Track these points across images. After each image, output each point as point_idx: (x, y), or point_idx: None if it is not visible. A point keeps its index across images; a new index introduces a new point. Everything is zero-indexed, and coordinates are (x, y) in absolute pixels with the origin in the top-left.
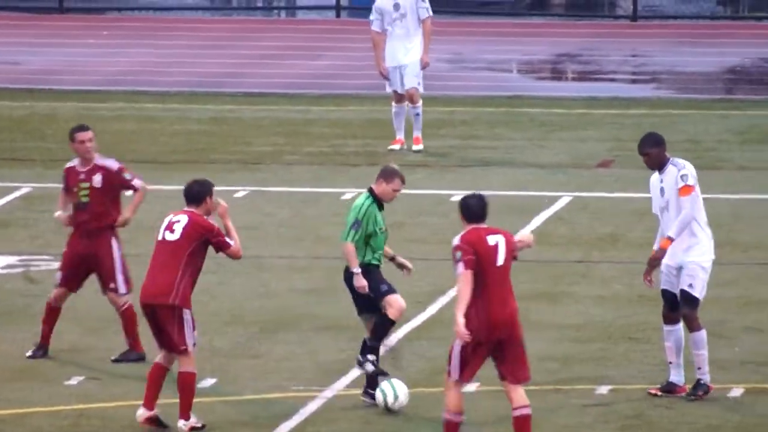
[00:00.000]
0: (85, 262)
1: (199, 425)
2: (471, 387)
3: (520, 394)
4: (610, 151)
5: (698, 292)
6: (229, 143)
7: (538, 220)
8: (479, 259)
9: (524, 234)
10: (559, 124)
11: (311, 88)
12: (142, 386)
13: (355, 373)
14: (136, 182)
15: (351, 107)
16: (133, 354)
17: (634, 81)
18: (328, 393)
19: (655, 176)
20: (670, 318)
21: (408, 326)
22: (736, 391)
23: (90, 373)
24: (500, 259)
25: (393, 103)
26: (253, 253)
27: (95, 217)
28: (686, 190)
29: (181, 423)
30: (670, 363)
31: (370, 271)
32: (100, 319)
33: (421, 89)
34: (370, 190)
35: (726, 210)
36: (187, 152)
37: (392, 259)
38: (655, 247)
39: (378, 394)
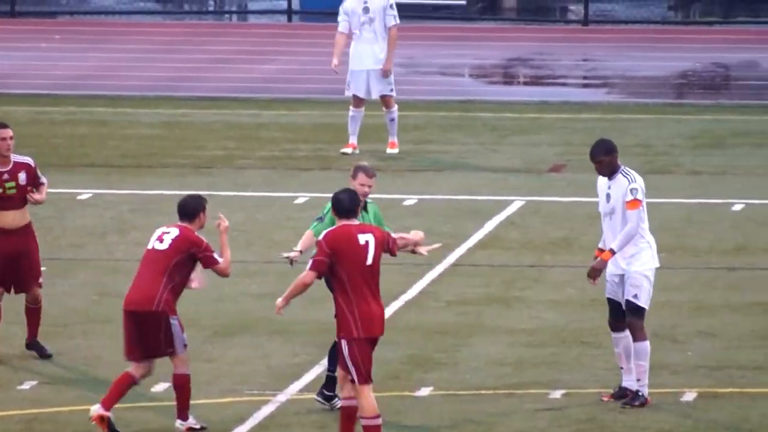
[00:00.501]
0: (15, 260)
1: (198, 426)
2: (425, 391)
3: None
4: (561, 156)
5: (643, 302)
6: (181, 147)
7: (490, 225)
8: (346, 258)
9: (414, 233)
10: (511, 129)
11: (262, 92)
12: (95, 390)
13: (309, 377)
14: (43, 178)
15: (302, 111)
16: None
17: (585, 85)
18: (282, 397)
19: (603, 180)
20: (616, 326)
21: None
22: (689, 396)
23: (42, 378)
24: (369, 258)
25: (351, 107)
26: None
27: (21, 214)
28: (634, 204)
29: (178, 423)
30: (622, 368)
31: None
32: (52, 324)
33: (393, 94)
34: None
35: (678, 214)
36: (139, 156)
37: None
38: (600, 247)
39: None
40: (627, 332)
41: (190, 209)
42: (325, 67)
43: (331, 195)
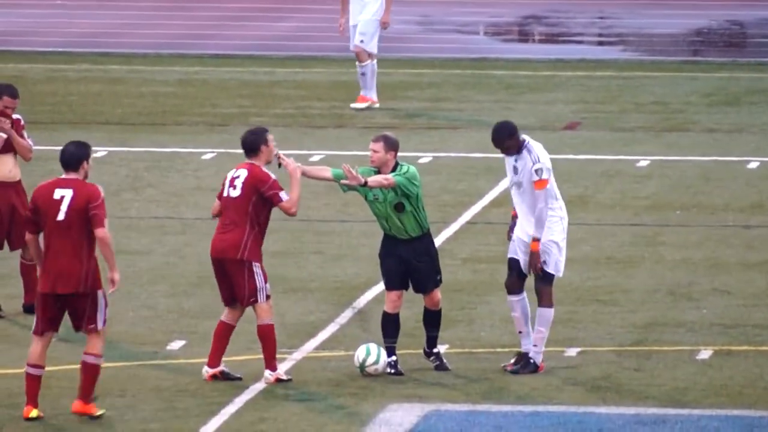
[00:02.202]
0: (9, 215)
1: (285, 378)
2: (440, 349)
3: (92, 343)
4: (576, 114)
5: (552, 268)
6: (196, 105)
7: (505, 183)
8: (40, 212)
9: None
10: (526, 86)
11: (277, 49)
12: (111, 348)
13: (324, 335)
14: (30, 141)
15: (317, 69)
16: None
17: (601, 43)
18: (297, 355)
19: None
20: (512, 288)
21: (377, 288)
22: (704, 353)
23: (58, 336)
24: (61, 214)
25: (357, 63)
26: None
27: (13, 167)
28: (541, 184)
29: (267, 373)
30: (520, 332)
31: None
32: None
33: (369, 48)
34: None
35: (694, 172)
36: (154, 114)
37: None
38: (519, 236)
39: (361, 351)
40: (523, 295)
41: (249, 144)
42: (335, 25)
43: (345, 153)
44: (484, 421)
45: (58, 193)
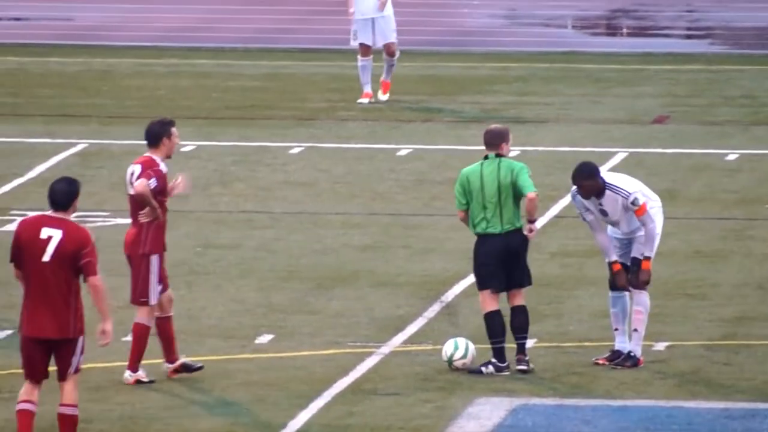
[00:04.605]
0: None
1: (146, 380)
2: (529, 343)
3: (67, 391)
4: (665, 107)
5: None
6: (284, 99)
7: None
8: (23, 249)
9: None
10: (614, 80)
11: (376, 46)
12: (199, 343)
13: (412, 329)
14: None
15: (405, 63)
16: None
17: (689, 36)
18: (385, 349)
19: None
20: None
21: (465, 282)
22: None
23: None
24: (46, 255)
25: (359, 57)
26: (309, 209)
27: None
28: (642, 209)
29: (127, 374)
30: (616, 330)
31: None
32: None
33: (396, 41)
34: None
35: None
36: (242, 108)
37: None
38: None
39: (449, 345)
40: (626, 292)
41: (153, 135)
42: (427, 18)
43: (433, 147)
44: (573, 416)
45: (45, 232)
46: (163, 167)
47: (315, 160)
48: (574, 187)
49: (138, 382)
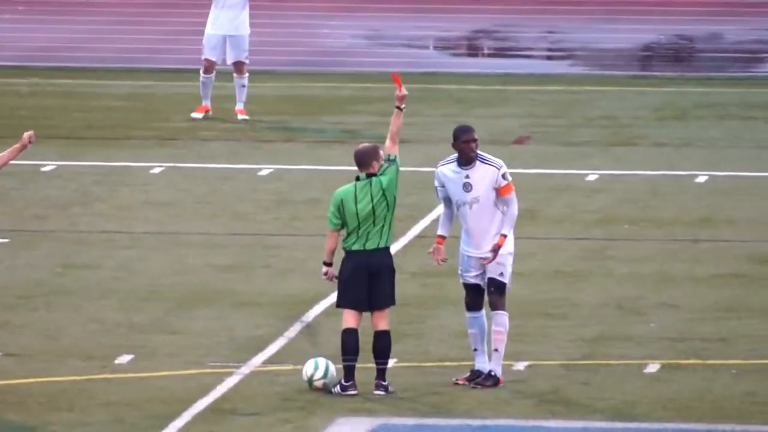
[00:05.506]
0: None
1: None
2: (389, 363)
3: None
4: (526, 128)
5: (507, 279)
6: (146, 119)
7: None
8: None
9: None
10: (475, 101)
11: (225, 64)
12: (58, 362)
13: (272, 349)
14: None
15: (267, 83)
16: None
17: (550, 57)
18: (245, 369)
19: (450, 170)
20: (473, 305)
21: (326, 302)
22: (653, 367)
23: (5, 350)
24: None
25: (202, 72)
26: (170, 230)
27: None
28: (510, 187)
29: None
30: (476, 350)
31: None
32: (15, 296)
33: (248, 61)
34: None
35: (642, 186)
36: (104, 128)
37: None
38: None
39: (309, 365)
40: (482, 312)
41: None
42: (288, 39)
43: (294, 167)
44: None
45: None
46: None
47: (176, 180)
48: (440, 163)
49: None
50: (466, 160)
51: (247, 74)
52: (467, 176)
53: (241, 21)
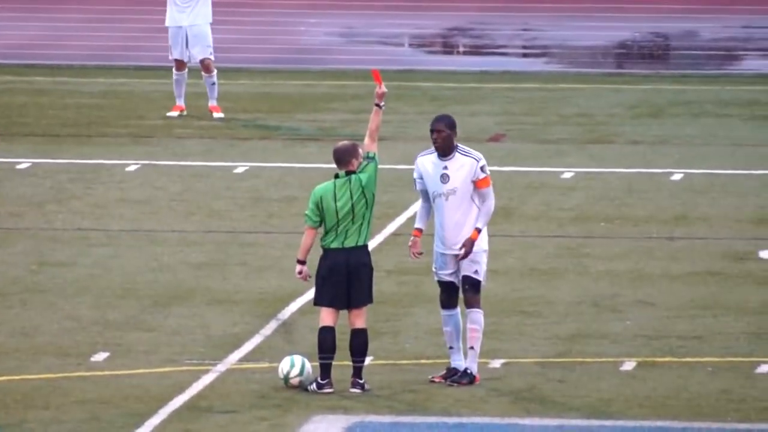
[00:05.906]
0: None
1: None
2: (365, 361)
3: None
4: (501, 125)
5: (482, 276)
6: (121, 117)
7: None
8: None
9: None
10: (451, 99)
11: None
12: (33, 360)
13: (248, 346)
14: None
15: (241, 81)
16: None
17: (525, 55)
18: (221, 367)
19: (429, 161)
20: (448, 302)
21: (302, 300)
22: (628, 365)
23: None
24: None
25: (174, 71)
26: (145, 227)
27: None
28: (488, 180)
29: None
30: (451, 348)
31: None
32: None
33: (212, 57)
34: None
35: (618, 184)
36: (78, 126)
37: None
38: (418, 226)
39: (285, 362)
40: (457, 310)
41: None
42: (264, 36)
43: (270, 164)
44: None
45: None
46: None
47: (152, 178)
48: (420, 154)
49: None
50: (438, 150)
51: (215, 71)
52: (445, 167)
53: (198, 11)
